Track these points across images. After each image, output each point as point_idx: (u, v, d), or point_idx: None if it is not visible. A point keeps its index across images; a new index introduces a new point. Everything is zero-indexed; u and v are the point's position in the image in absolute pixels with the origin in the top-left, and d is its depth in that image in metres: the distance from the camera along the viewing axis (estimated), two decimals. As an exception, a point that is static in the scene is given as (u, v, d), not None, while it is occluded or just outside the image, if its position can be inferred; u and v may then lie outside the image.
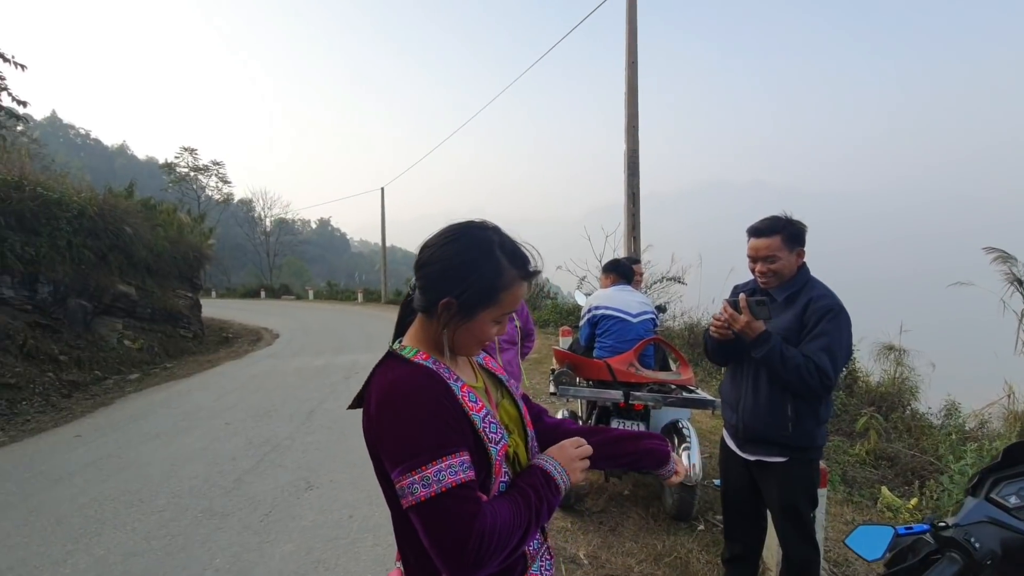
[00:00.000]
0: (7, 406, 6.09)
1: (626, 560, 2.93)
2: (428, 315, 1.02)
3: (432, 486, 0.86)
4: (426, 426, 0.90)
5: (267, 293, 33.94)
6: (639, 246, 9.04)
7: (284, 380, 7.90)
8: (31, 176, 8.62)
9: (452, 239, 1.00)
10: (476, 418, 0.98)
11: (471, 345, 1.04)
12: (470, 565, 0.86)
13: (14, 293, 7.51)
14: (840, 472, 4.72)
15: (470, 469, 0.91)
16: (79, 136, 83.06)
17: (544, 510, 0.99)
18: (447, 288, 0.97)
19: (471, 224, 1.03)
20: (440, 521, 0.87)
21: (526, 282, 1.03)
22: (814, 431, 2.12)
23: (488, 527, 0.87)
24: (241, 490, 3.84)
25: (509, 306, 1.01)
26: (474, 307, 0.98)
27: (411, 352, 1.01)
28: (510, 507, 0.94)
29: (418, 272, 1.02)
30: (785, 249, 2.13)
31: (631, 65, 8.69)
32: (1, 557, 2.95)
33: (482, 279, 0.97)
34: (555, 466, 1.04)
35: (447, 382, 0.98)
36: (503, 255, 0.99)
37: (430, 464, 0.87)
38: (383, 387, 0.95)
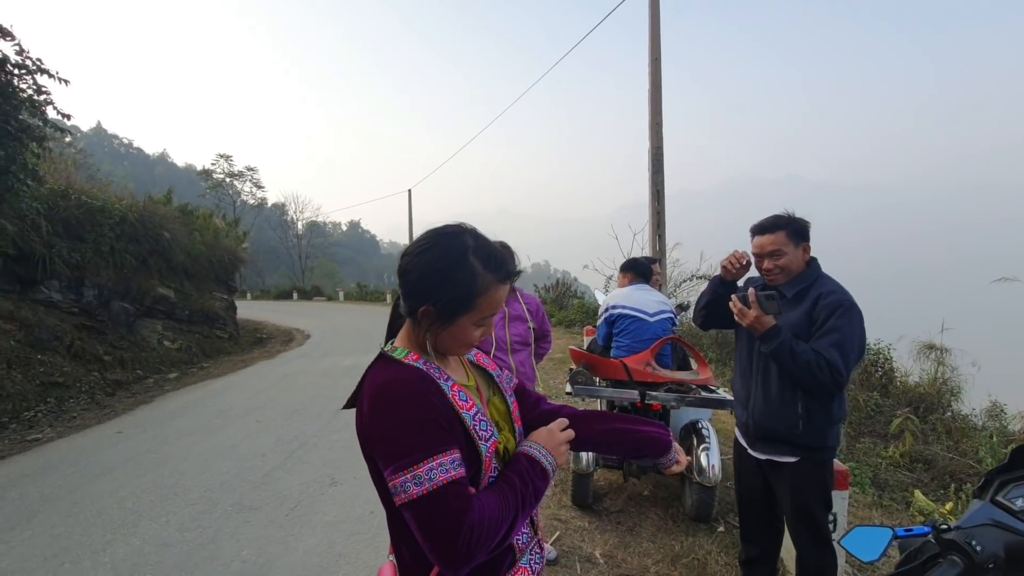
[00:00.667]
0: (56, 404, 6.43)
1: (642, 560, 2.92)
2: (412, 320, 1.05)
3: (424, 484, 0.89)
4: (417, 426, 0.93)
5: (299, 295, 34.80)
6: (664, 244, 8.94)
7: (313, 380, 8.11)
8: (76, 185, 9.08)
9: (427, 248, 1.02)
10: (466, 416, 1.00)
11: (456, 348, 1.07)
12: (461, 558, 0.89)
13: (62, 297, 7.93)
14: (871, 474, 4.57)
15: (461, 466, 0.93)
16: (122, 145, 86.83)
17: (531, 494, 1.01)
18: (424, 296, 1.00)
19: (445, 231, 1.04)
20: (432, 518, 0.89)
21: (503, 284, 1.04)
22: (826, 430, 2.07)
23: (476, 521, 0.90)
24: (269, 485, 3.98)
25: (488, 309, 1.03)
26: (452, 314, 1.00)
27: (402, 353, 1.04)
28: (497, 498, 0.96)
29: (399, 280, 1.05)
30: (791, 244, 2.12)
31: (654, 62, 8.59)
32: (47, 545, 3.14)
33: (457, 287, 0.99)
34: (539, 450, 1.06)
35: (437, 382, 1.00)
36: (477, 260, 1.00)
37: (422, 463, 0.90)
38: (375, 388, 0.98)
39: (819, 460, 2.11)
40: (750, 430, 2.24)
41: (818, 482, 2.12)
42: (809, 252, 2.16)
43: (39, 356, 6.86)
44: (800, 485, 2.11)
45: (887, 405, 6.54)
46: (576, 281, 20.09)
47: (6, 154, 6.61)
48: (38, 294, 7.58)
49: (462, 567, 0.90)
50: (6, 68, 6.53)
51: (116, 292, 8.94)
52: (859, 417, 6.14)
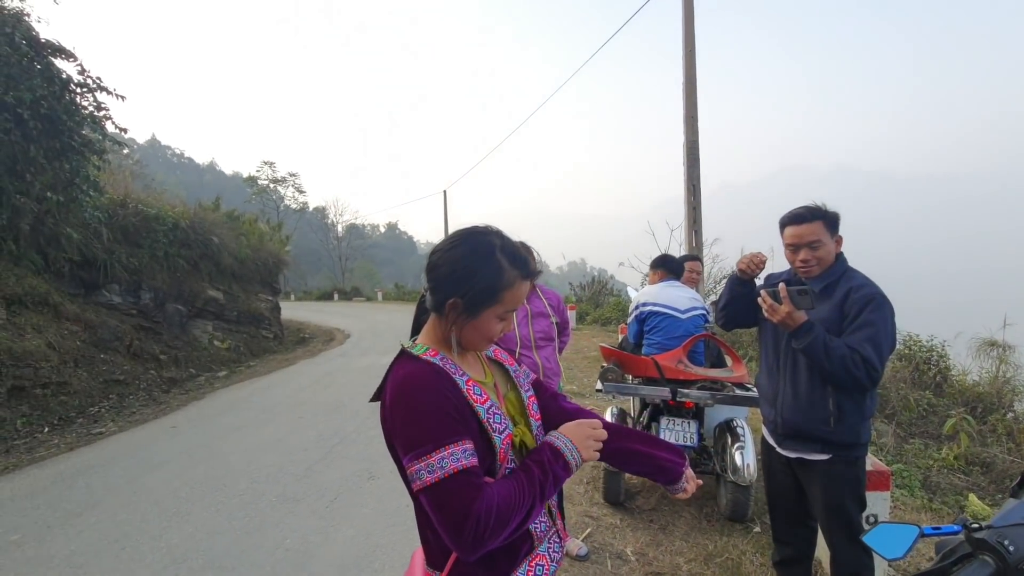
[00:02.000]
0: (117, 400, 6.87)
1: (674, 559, 2.90)
2: (438, 314, 1.11)
3: (436, 472, 0.95)
4: (431, 418, 0.98)
5: (340, 295, 35.77)
6: (700, 240, 8.76)
7: (353, 378, 8.35)
8: (134, 195, 9.65)
9: (457, 244, 1.09)
10: (480, 410, 1.06)
11: (478, 341, 1.12)
12: (469, 543, 0.93)
13: (121, 299, 8.44)
14: (921, 477, 4.38)
15: (472, 456, 0.98)
16: (175, 156, 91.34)
17: (550, 484, 1.03)
18: (453, 289, 1.06)
19: (475, 229, 1.12)
20: (443, 504, 0.94)
21: (527, 281, 1.11)
22: (858, 427, 2.02)
23: (484, 509, 0.94)
24: (311, 478, 4.14)
25: (511, 304, 1.09)
26: (478, 306, 1.06)
27: (421, 350, 1.10)
28: (512, 486, 1.00)
29: (428, 275, 1.12)
30: (827, 234, 2.07)
31: (688, 55, 8.44)
32: (111, 530, 3.37)
33: (484, 280, 1.05)
34: (566, 443, 1.09)
35: (452, 377, 1.06)
36: (504, 257, 1.07)
37: (434, 452, 0.96)
38: (396, 383, 1.04)
39: (852, 458, 2.05)
40: (779, 428, 2.19)
41: (852, 480, 2.06)
42: (841, 245, 2.11)
43: (102, 355, 7.33)
44: (833, 484, 2.06)
45: (941, 405, 6.23)
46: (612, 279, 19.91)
47: (71, 167, 7.10)
48: (100, 297, 8.10)
49: (471, 552, 0.94)
50: (70, 87, 7.00)
51: (170, 295, 9.45)
52: (909, 417, 5.87)
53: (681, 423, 3.31)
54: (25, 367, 5.91)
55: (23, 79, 6.30)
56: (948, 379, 7.03)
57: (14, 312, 6.25)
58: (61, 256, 7.29)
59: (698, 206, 8.38)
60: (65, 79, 6.92)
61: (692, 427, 3.29)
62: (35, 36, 6.63)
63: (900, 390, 6.14)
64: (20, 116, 6.17)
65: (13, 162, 6.20)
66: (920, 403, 6.07)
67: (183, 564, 2.95)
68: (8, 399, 5.71)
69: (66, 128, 6.87)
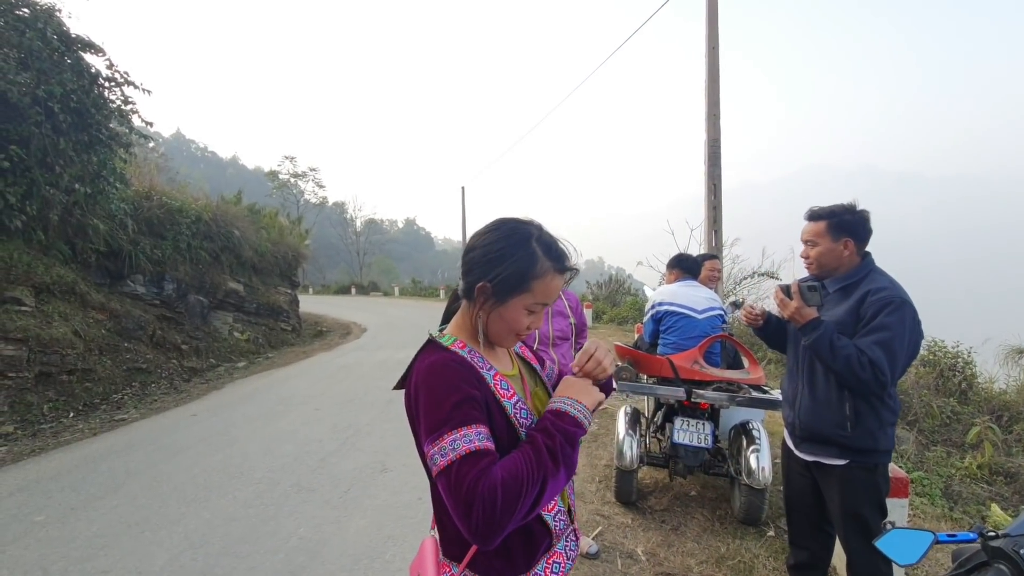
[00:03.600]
0: (140, 388, 7.03)
1: (686, 560, 2.88)
2: (468, 300, 1.10)
3: (448, 455, 0.93)
4: (448, 402, 0.97)
5: (357, 290, 36.11)
6: (720, 240, 8.65)
7: (368, 371, 8.43)
8: (158, 187, 9.85)
9: (493, 229, 1.09)
10: (507, 404, 1.05)
11: (504, 333, 1.09)
12: (481, 527, 0.88)
13: (145, 290, 8.63)
14: (942, 485, 4.27)
15: (486, 440, 0.95)
16: (199, 150, 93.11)
17: (559, 447, 0.98)
18: (483, 273, 1.05)
19: (513, 218, 1.11)
20: (453, 487, 0.91)
21: (560, 275, 1.08)
22: (877, 433, 1.98)
23: (489, 487, 0.89)
24: (325, 469, 4.20)
25: (541, 296, 1.06)
26: (507, 292, 1.04)
27: (449, 340, 1.09)
28: (515, 458, 0.95)
29: (462, 259, 1.12)
30: (827, 236, 2.06)
31: (712, 50, 8.32)
32: (131, 514, 3.46)
33: (516, 265, 1.03)
34: (564, 400, 1.05)
35: (479, 370, 1.05)
36: (539, 247, 1.06)
37: (447, 435, 0.94)
38: (421, 371, 1.04)
39: (871, 464, 2.01)
40: (796, 430, 2.18)
41: (870, 487, 2.02)
42: (850, 248, 2.06)
43: (126, 344, 7.51)
44: (851, 490, 2.03)
45: (965, 413, 6.07)
46: (630, 278, 19.79)
47: (98, 160, 7.28)
48: (124, 287, 8.29)
49: (485, 536, 0.89)
50: (98, 82, 7.17)
51: (192, 286, 9.64)
52: (932, 424, 5.73)
53: (695, 424, 3.27)
54: (52, 354, 6.08)
55: (54, 73, 6.47)
56: (973, 386, 6.85)
57: (42, 300, 6.43)
58: (88, 246, 7.47)
59: (719, 206, 8.27)
60: (94, 73, 7.09)
61: (707, 428, 3.25)
62: (66, 31, 6.79)
63: (923, 396, 5.99)
64: (51, 109, 6.33)
65: (43, 154, 6.37)
66: (943, 410, 5.92)
67: (200, 549, 3.01)
68: (35, 384, 5.88)
69: (94, 121, 7.04)
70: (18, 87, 6.03)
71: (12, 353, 5.66)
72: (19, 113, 6.05)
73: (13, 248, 6.26)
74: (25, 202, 6.24)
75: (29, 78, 6.24)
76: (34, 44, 6.26)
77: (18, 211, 6.17)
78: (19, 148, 6.02)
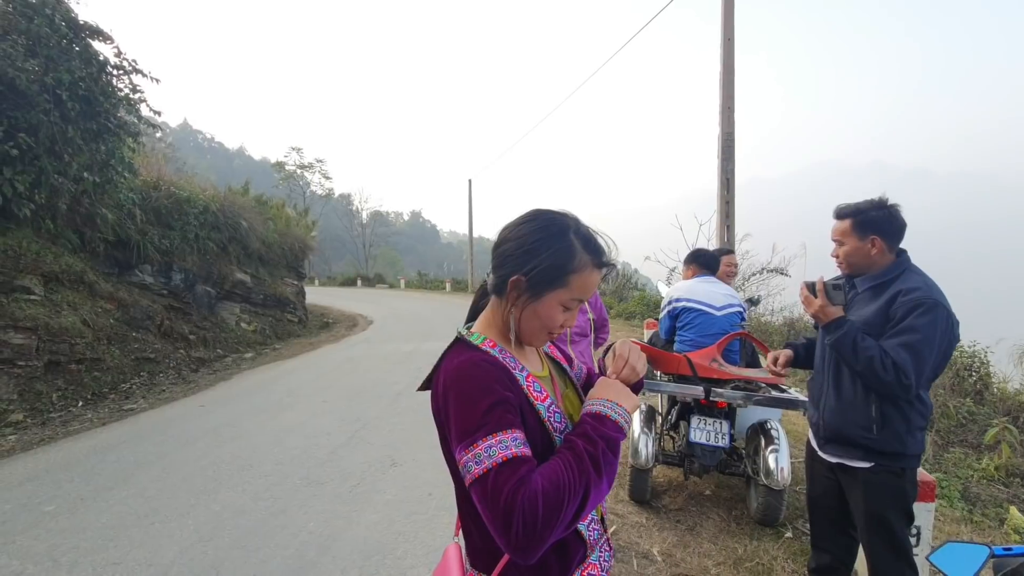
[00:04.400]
0: (148, 377, 7.03)
1: (703, 561, 2.82)
2: (499, 295, 1.04)
3: (483, 462, 0.86)
4: (481, 406, 0.90)
5: (363, 282, 36.17)
6: (733, 235, 8.55)
7: (375, 364, 8.41)
8: (166, 177, 9.82)
9: (529, 220, 1.02)
10: (541, 408, 0.99)
11: (537, 331, 1.03)
12: (521, 540, 0.82)
13: (153, 280, 8.63)
14: (960, 487, 4.20)
15: (523, 446, 0.89)
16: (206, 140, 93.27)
17: (601, 452, 0.91)
18: (517, 266, 0.98)
19: (549, 210, 1.04)
20: (490, 497, 0.85)
21: (598, 271, 1.02)
22: (905, 437, 1.92)
23: (529, 497, 0.82)
24: (334, 463, 4.16)
25: (579, 292, 1.00)
26: (543, 286, 0.98)
27: (479, 339, 1.03)
28: (556, 465, 0.89)
29: (493, 252, 1.05)
30: (853, 235, 2.01)
31: (727, 42, 8.18)
32: (140, 505, 3.43)
33: (553, 258, 0.97)
34: (603, 403, 0.99)
35: (512, 371, 0.98)
36: (578, 240, 0.99)
37: (481, 441, 0.87)
38: (450, 371, 0.97)
39: (898, 468, 1.96)
40: (821, 431, 2.14)
41: (896, 492, 1.97)
42: (879, 246, 2.00)
43: (134, 334, 7.51)
44: (875, 494, 1.98)
45: (981, 414, 5.98)
46: (637, 273, 19.69)
47: (107, 149, 7.24)
48: (133, 277, 8.29)
49: (526, 550, 0.82)
50: (107, 69, 7.12)
51: (200, 276, 9.63)
52: (948, 425, 5.65)
53: (712, 423, 3.21)
54: (61, 343, 6.07)
55: (62, 60, 6.42)
56: (989, 387, 6.75)
57: (51, 289, 6.42)
58: (96, 236, 7.45)
59: (732, 200, 8.17)
60: (102, 61, 7.04)
61: (724, 427, 3.19)
62: (74, 17, 6.74)
63: (939, 396, 5.90)
64: (59, 97, 6.29)
65: (52, 142, 6.33)
66: (960, 411, 5.83)
67: (210, 542, 2.98)
68: (45, 373, 5.88)
69: (103, 110, 6.99)
70: (26, 74, 5.98)
71: (21, 342, 5.65)
72: (27, 101, 6.01)
73: (22, 237, 6.25)
74: (34, 190, 6.21)
75: (37, 65, 6.19)
76: (42, 30, 6.21)
77: (27, 199, 6.14)
78: (27, 136, 5.98)
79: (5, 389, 5.41)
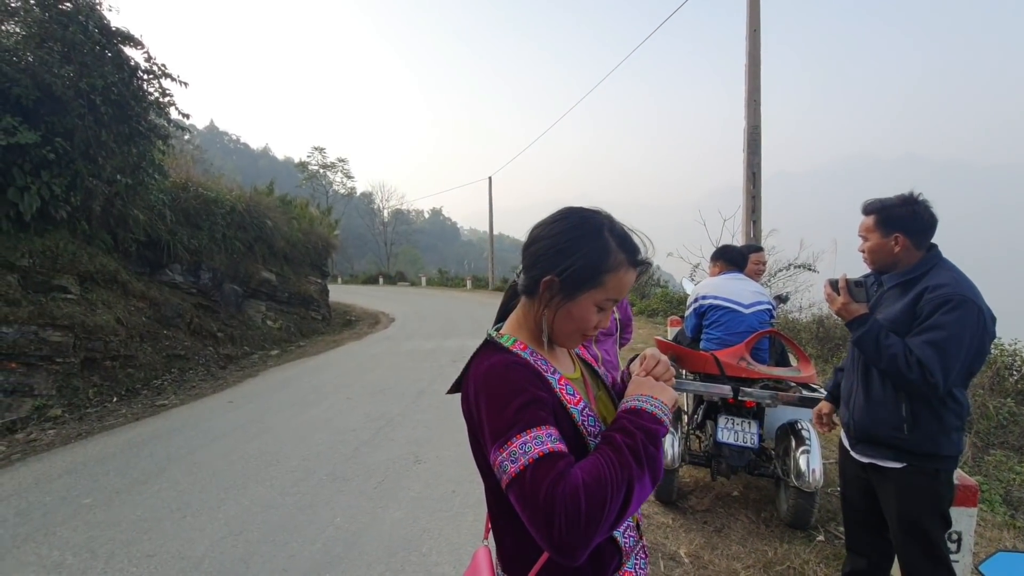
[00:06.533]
0: (178, 374, 7.21)
1: (731, 564, 2.77)
2: (530, 296, 1.02)
3: (519, 460, 0.83)
4: (514, 405, 0.88)
5: (384, 280, 36.52)
6: (759, 231, 8.38)
7: (398, 361, 8.48)
8: (194, 179, 10.04)
9: (561, 218, 1.00)
10: (575, 411, 0.96)
11: (570, 333, 1.00)
12: (565, 538, 0.78)
13: (183, 279, 8.84)
14: (1002, 491, 4.04)
15: (559, 442, 0.86)
16: (232, 141, 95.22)
17: (640, 445, 0.87)
18: (551, 266, 0.96)
19: (582, 207, 1.02)
20: (528, 495, 0.81)
21: (634, 270, 0.99)
22: (938, 437, 1.86)
23: (571, 491, 0.79)
24: (359, 459, 4.21)
25: (614, 292, 0.97)
26: (577, 286, 0.95)
27: (509, 341, 1.01)
28: (595, 459, 0.86)
29: (524, 252, 1.03)
30: (876, 231, 1.98)
31: (753, 33, 8.00)
32: (173, 499, 3.52)
33: (587, 258, 0.95)
34: (634, 400, 0.96)
35: (544, 374, 0.96)
36: (612, 238, 0.97)
37: (515, 439, 0.85)
38: (480, 374, 0.95)
39: (932, 470, 1.90)
40: (851, 430, 2.11)
41: (930, 494, 1.91)
42: (902, 243, 1.95)
43: (165, 331, 7.71)
44: (908, 495, 1.93)
45: (1022, 414, 5.74)
46: (659, 269, 19.46)
47: (138, 151, 7.43)
48: (163, 276, 8.50)
49: (571, 549, 0.78)
50: (137, 74, 7.30)
51: (227, 275, 9.83)
52: (988, 426, 5.44)
53: (741, 423, 3.14)
54: (96, 340, 6.26)
55: (96, 66, 6.60)
56: (1031, 386, 6.48)
57: (87, 289, 6.63)
58: (128, 236, 7.66)
59: (758, 195, 8.00)
60: (133, 66, 7.22)
61: (753, 427, 3.12)
62: (106, 24, 6.92)
63: (978, 396, 5.69)
64: (93, 102, 6.47)
65: (86, 146, 6.52)
66: (1000, 412, 5.61)
67: (240, 536, 3.03)
68: (81, 369, 6.07)
69: (134, 113, 7.18)
70: (62, 80, 6.17)
71: (59, 339, 5.84)
72: (63, 106, 6.20)
73: (59, 238, 6.45)
74: (70, 193, 6.41)
75: (72, 71, 6.38)
76: (76, 37, 6.39)
77: (63, 202, 6.34)
78: (63, 140, 6.17)
79: (44, 385, 5.61)
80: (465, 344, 9.69)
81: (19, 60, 6.09)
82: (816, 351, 8.12)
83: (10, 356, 5.40)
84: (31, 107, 6.01)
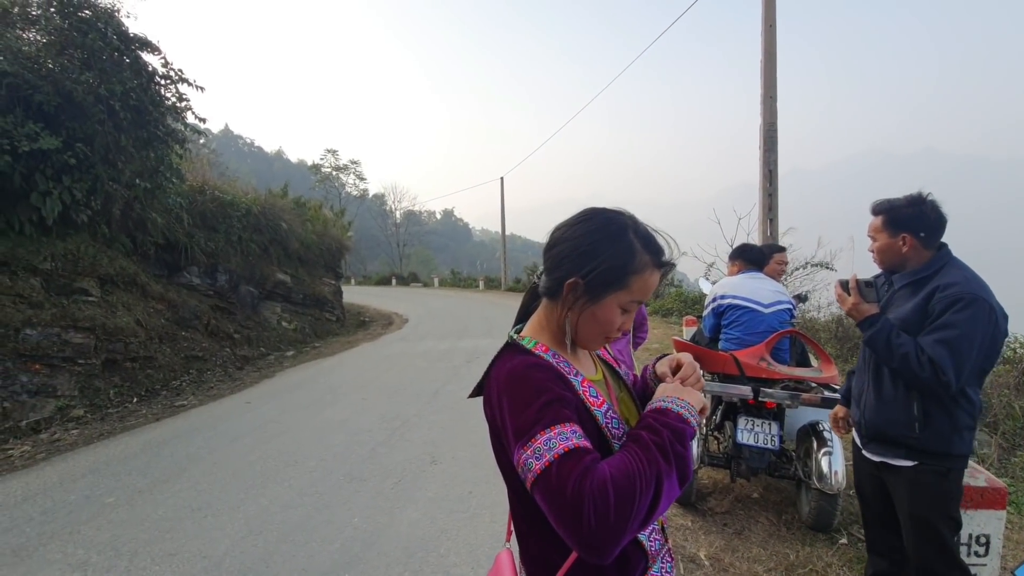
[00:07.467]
0: (197, 375, 7.31)
1: (752, 566, 2.73)
2: (552, 299, 1.01)
3: (544, 456, 0.82)
4: (537, 402, 0.87)
5: (397, 281, 36.70)
6: (776, 229, 8.27)
7: (413, 362, 8.50)
8: (211, 182, 10.18)
9: (584, 220, 0.99)
10: (598, 413, 0.95)
11: (594, 335, 0.99)
12: (594, 534, 0.76)
13: (200, 281, 8.96)
14: (1031, 494, 3.93)
15: (584, 438, 0.85)
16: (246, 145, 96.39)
17: (667, 443, 0.85)
18: (574, 268, 0.95)
19: (605, 208, 1.00)
20: (554, 491, 0.79)
21: (659, 271, 0.97)
22: (950, 436, 1.86)
23: (599, 486, 0.77)
24: (375, 460, 4.22)
25: (638, 293, 0.96)
26: (601, 289, 0.94)
27: (531, 343, 1.00)
28: (623, 455, 0.84)
29: (546, 254, 1.02)
30: (884, 231, 1.99)
31: (768, 28, 7.90)
32: (194, 498, 3.56)
33: (612, 259, 0.93)
34: (660, 400, 0.94)
35: (567, 376, 0.95)
36: (637, 239, 0.95)
37: (539, 435, 0.84)
38: (503, 376, 0.94)
39: (943, 469, 1.89)
40: (863, 429, 2.10)
41: (940, 494, 1.90)
42: (910, 244, 1.94)
43: (183, 333, 7.82)
44: (918, 494, 1.92)
45: (1051, 414, 5.59)
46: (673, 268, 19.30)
47: (156, 156, 7.55)
48: (181, 278, 8.62)
49: (598, 545, 0.76)
50: (155, 80, 7.41)
51: (243, 277, 9.94)
52: (1014, 427, 5.31)
53: (761, 424, 3.10)
54: (117, 342, 6.37)
55: (114, 72, 6.71)
56: (1059, 385, 6.30)
57: (107, 291, 6.74)
58: (147, 239, 7.79)
59: (774, 193, 7.90)
60: (151, 72, 7.33)
61: (773, 429, 3.08)
62: (125, 31, 7.04)
63: (1003, 396, 5.55)
64: (112, 108, 6.58)
65: (106, 151, 6.64)
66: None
67: (260, 536, 3.06)
68: (102, 371, 6.18)
69: (152, 118, 7.29)
70: (82, 86, 6.28)
71: (81, 341, 5.95)
72: (83, 112, 6.31)
73: (80, 241, 6.57)
74: (90, 197, 6.52)
75: (92, 77, 6.49)
76: (96, 44, 6.50)
77: (84, 206, 6.46)
78: (84, 146, 6.28)
79: (67, 386, 5.71)
80: (479, 344, 9.70)
81: (40, 67, 6.21)
82: (835, 350, 8.00)
83: (34, 358, 5.52)
84: (52, 113, 6.13)
